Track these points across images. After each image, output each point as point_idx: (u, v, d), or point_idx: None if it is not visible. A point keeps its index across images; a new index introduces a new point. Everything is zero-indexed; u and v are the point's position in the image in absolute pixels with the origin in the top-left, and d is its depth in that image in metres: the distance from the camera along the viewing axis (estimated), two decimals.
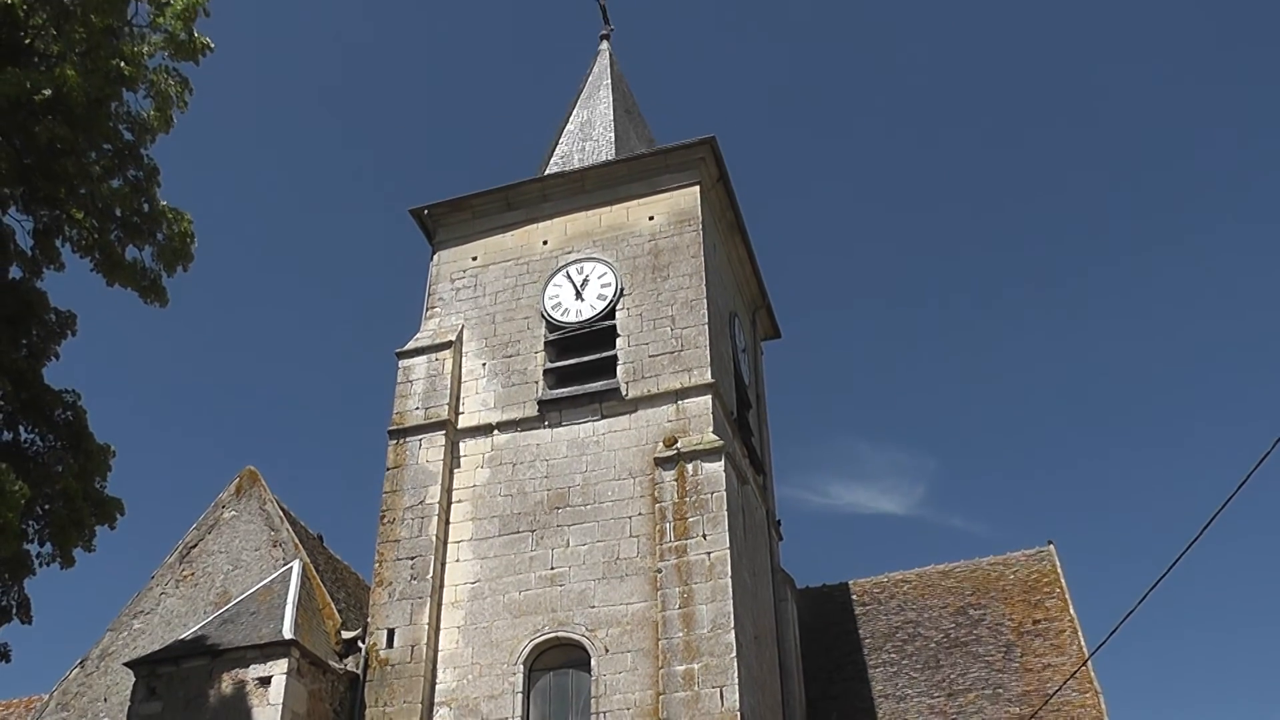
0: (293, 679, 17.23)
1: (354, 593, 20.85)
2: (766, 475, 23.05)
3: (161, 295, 17.26)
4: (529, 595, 18.27)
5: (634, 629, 17.50)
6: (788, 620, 21.33)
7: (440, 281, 22.10)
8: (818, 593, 23.84)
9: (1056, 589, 22.72)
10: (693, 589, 17.25)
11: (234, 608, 19.08)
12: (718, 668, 16.66)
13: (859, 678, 22.01)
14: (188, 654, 17.96)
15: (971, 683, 21.36)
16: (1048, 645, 21.67)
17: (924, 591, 23.50)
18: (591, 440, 19.31)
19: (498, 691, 17.72)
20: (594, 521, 18.56)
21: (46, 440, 16.69)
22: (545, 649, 17.92)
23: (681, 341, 19.78)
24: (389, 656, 18.22)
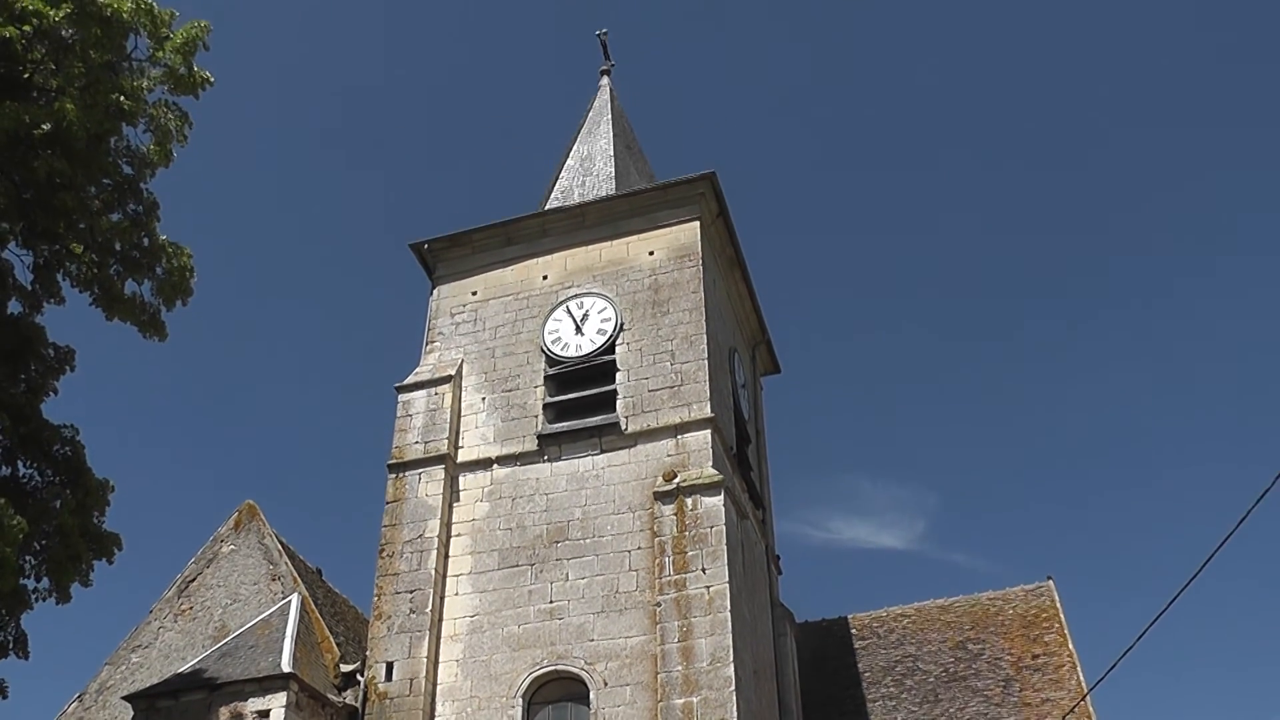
0: (291, 712, 17.19)
1: (353, 626, 20.82)
2: (766, 510, 23.05)
3: (160, 330, 17.33)
4: (528, 629, 18.25)
5: (633, 662, 17.48)
6: (787, 654, 21.29)
7: (440, 316, 22.17)
8: (817, 627, 23.81)
9: (1055, 624, 22.69)
10: (692, 623, 17.23)
11: (232, 641, 19.05)
12: (716, 701, 16.63)
13: (857, 712, 21.95)
14: (186, 688, 17.92)
15: (970, 717, 21.31)
16: (1046, 680, 21.63)
17: (923, 626, 23.46)
18: (591, 474, 19.33)
19: None
20: (593, 555, 18.56)
21: (45, 475, 16.71)
22: (544, 682, 17.89)
23: (681, 376, 19.83)
24: (388, 689, 18.18)
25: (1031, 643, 22.48)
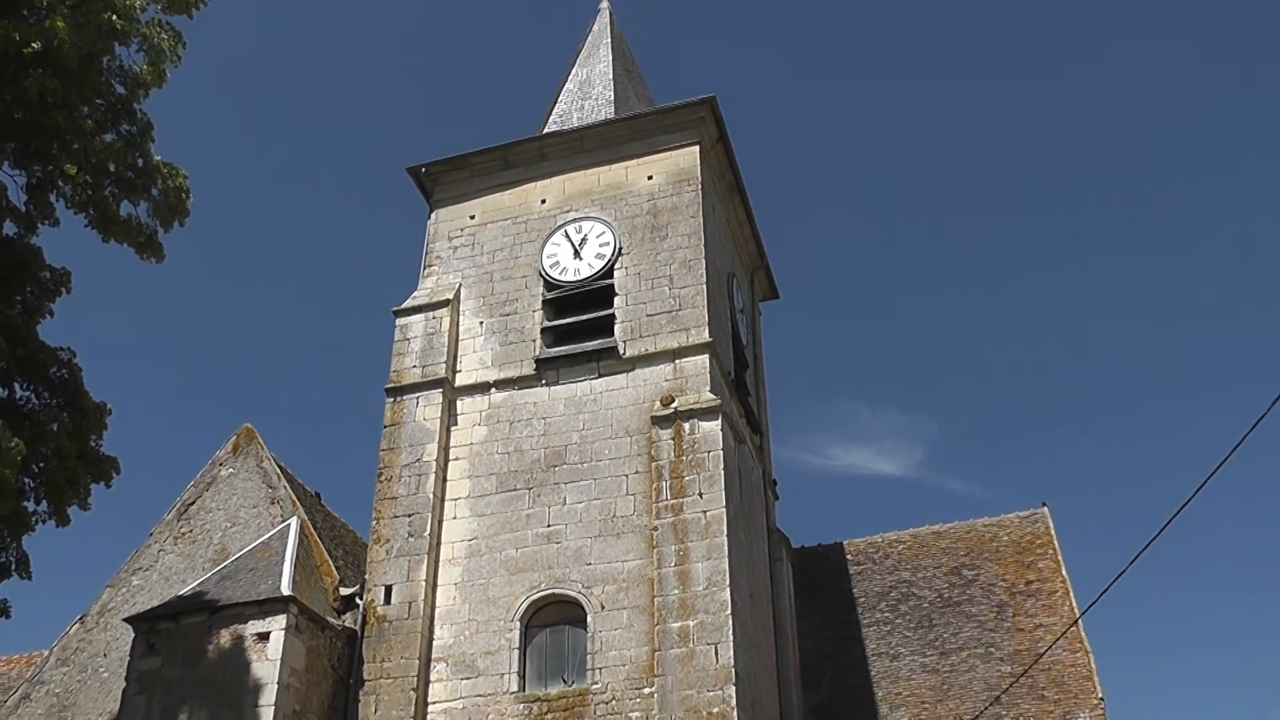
0: (291, 635, 17.32)
1: (351, 550, 20.93)
2: (763, 435, 23.11)
3: (158, 251, 17.19)
4: (526, 552, 18.36)
5: (630, 586, 17.61)
6: (782, 579, 21.45)
7: (438, 240, 22.07)
8: (813, 552, 23.95)
9: (1049, 550, 22.83)
10: (688, 547, 17.34)
11: (232, 564, 19.14)
12: (713, 625, 16.78)
13: (852, 636, 22.16)
14: (187, 610, 18.03)
15: (964, 642, 21.51)
16: (1039, 605, 21.81)
17: (918, 552, 23.62)
18: (589, 399, 19.36)
19: (494, 648, 17.84)
20: (591, 479, 18.64)
21: (42, 398, 16.66)
22: (541, 606, 18.04)
23: (679, 301, 19.79)
24: (387, 613, 18.33)
25: (1025, 569, 22.64)
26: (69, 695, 19.97)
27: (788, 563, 22.02)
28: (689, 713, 16.34)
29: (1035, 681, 20.17)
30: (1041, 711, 19.78)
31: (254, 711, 16.76)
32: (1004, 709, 19.80)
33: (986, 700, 19.32)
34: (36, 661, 21.43)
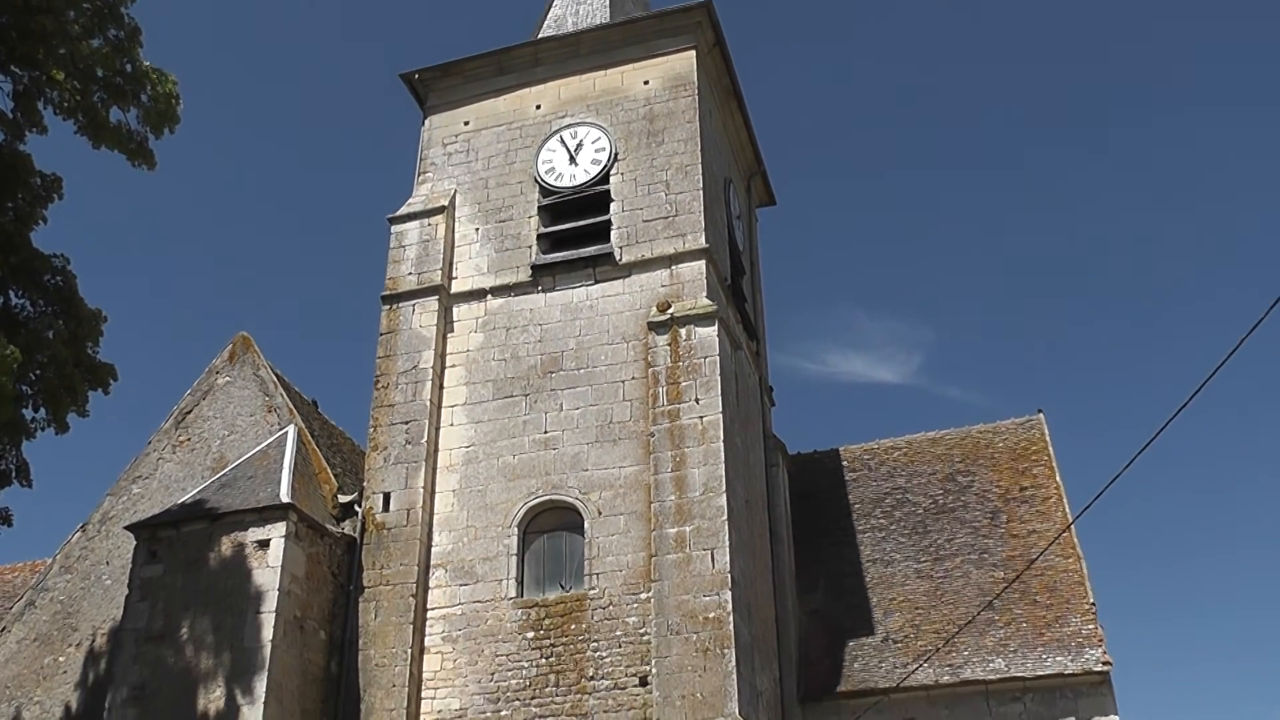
0: (291, 542, 17.45)
1: (349, 458, 21.01)
2: (760, 342, 23.12)
3: (149, 158, 17.07)
4: (523, 459, 18.45)
5: (626, 492, 17.72)
6: (778, 485, 21.57)
7: (432, 147, 21.88)
8: (808, 459, 24.03)
9: (1044, 457, 22.91)
10: (685, 453, 17.43)
11: (231, 472, 19.23)
12: (709, 531, 16.92)
13: (847, 542, 22.32)
14: (187, 518, 18.14)
15: (957, 548, 21.67)
16: (1033, 512, 21.95)
17: (913, 458, 23.71)
18: (585, 305, 19.33)
19: (492, 554, 18.01)
20: (587, 386, 18.68)
21: (37, 305, 16.65)
22: (539, 512, 18.18)
23: (676, 207, 19.69)
24: (385, 520, 18.46)
25: (1020, 475, 22.74)
26: (73, 602, 20.19)
27: (784, 469, 22.13)
28: (685, 617, 16.53)
29: (1028, 587, 20.36)
30: (1033, 616, 19.98)
31: (256, 618, 16.93)
32: (996, 614, 19.99)
33: (979, 605, 19.51)
34: (40, 569, 21.61)
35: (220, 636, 17.01)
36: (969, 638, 19.62)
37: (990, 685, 19.14)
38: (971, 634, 19.61)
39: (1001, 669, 19.25)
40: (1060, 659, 19.08)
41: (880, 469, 23.65)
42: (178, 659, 17.10)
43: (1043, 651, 19.29)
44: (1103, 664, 18.80)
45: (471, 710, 17.15)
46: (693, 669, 16.22)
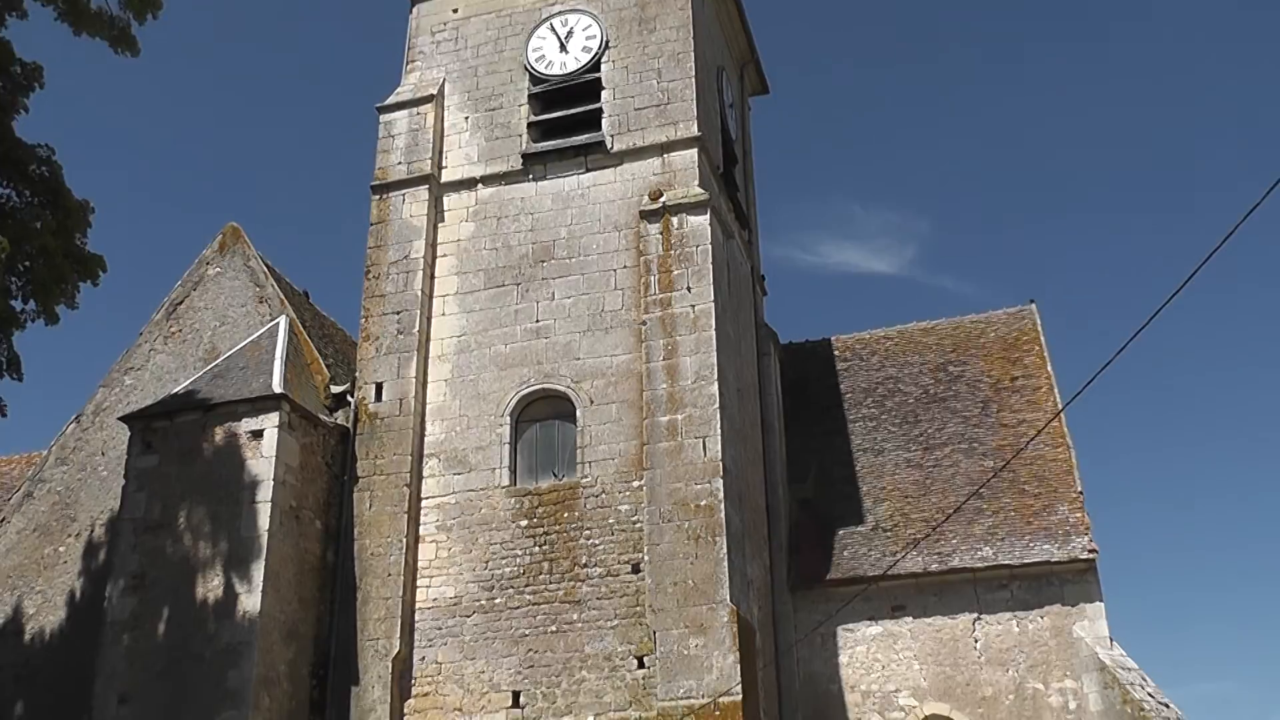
0: (284, 432, 17.53)
1: (341, 348, 21.01)
2: (752, 231, 23.04)
3: (132, 45, 16.81)
4: (515, 348, 18.48)
5: (619, 381, 17.78)
6: (770, 374, 21.64)
7: (420, 35, 21.52)
8: (800, 348, 24.08)
9: (1035, 346, 22.97)
10: (677, 341, 17.45)
11: (223, 363, 19.24)
12: (700, 418, 17.01)
13: (839, 432, 22.46)
14: (180, 408, 18.20)
15: (948, 437, 21.82)
16: (1024, 401, 22.06)
17: (905, 348, 23.77)
18: (576, 193, 19.21)
19: (485, 443, 18.11)
20: (579, 275, 18.64)
21: (23, 196, 16.49)
22: (531, 401, 18.25)
23: (667, 95, 19.46)
24: (378, 410, 18.52)
25: (1011, 365, 22.82)
26: (70, 493, 20.33)
27: (775, 358, 22.20)
28: (677, 505, 16.69)
29: (1016, 475, 20.55)
30: (1022, 505, 20.19)
31: (251, 507, 17.08)
32: (985, 502, 20.19)
33: (968, 494, 19.70)
34: (36, 462, 21.72)
35: (217, 526, 17.17)
36: (957, 526, 19.85)
37: (977, 573, 19.43)
38: (960, 522, 19.83)
39: (989, 557, 19.50)
40: (1047, 547, 19.32)
41: (872, 359, 23.72)
42: (176, 548, 17.27)
43: (1030, 540, 19.53)
44: (1088, 552, 19.05)
45: (466, 598, 17.38)
46: (684, 556, 16.42)
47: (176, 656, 16.58)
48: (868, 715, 19.17)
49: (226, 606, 16.64)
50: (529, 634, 16.90)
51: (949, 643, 19.24)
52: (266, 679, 16.42)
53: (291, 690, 16.93)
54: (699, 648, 15.96)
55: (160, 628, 16.84)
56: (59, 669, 18.74)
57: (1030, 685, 18.73)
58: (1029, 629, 19.06)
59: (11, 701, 19.09)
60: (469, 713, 16.81)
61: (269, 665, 16.52)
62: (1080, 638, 18.72)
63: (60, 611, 19.45)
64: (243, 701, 16.06)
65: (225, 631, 16.51)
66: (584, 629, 16.72)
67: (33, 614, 19.64)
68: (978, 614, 19.32)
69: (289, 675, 16.93)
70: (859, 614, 19.46)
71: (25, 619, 19.69)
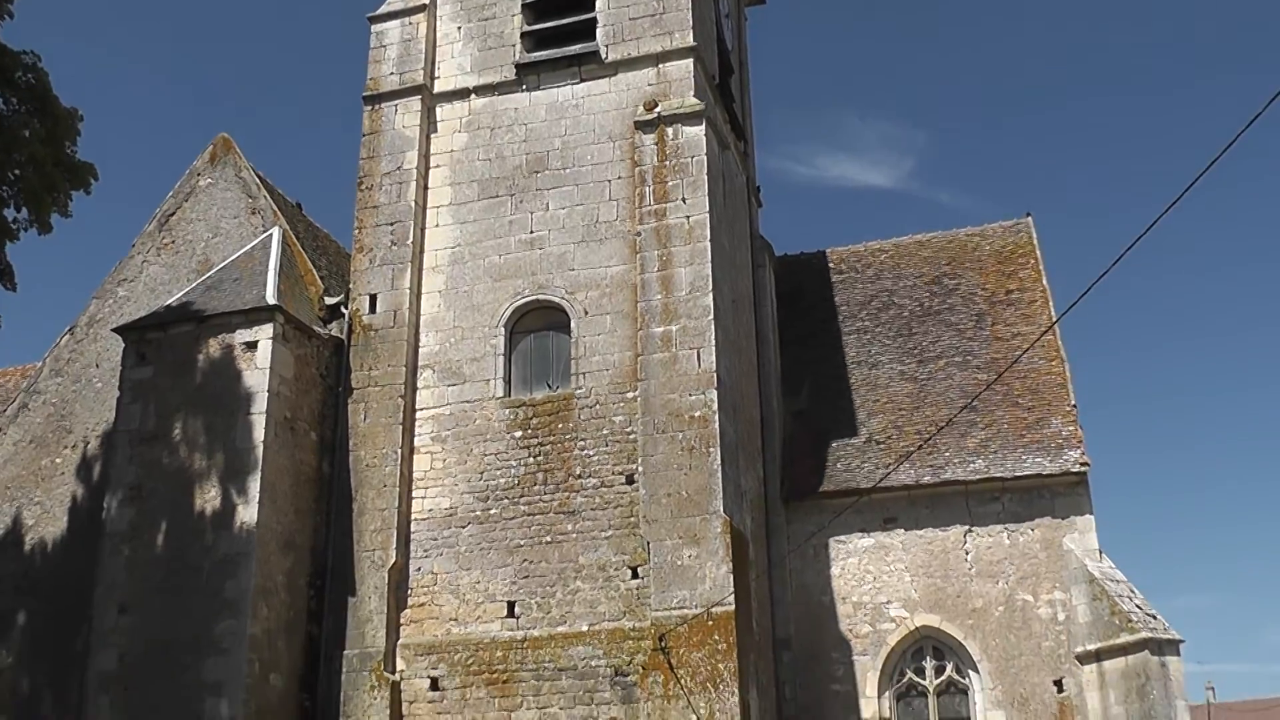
0: (279, 344, 17.53)
1: (335, 260, 20.93)
2: (748, 142, 22.86)
3: None
4: (509, 259, 18.40)
5: (613, 292, 17.75)
6: (765, 286, 21.60)
7: None
8: (795, 260, 23.99)
9: (1031, 259, 22.90)
10: (671, 252, 17.39)
11: (216, 275, 19.16)
12: (695, 330, 17.00)
13: (833, 345, 22.46)
14: (174, 320, 18.17)
15: (942, 350, 21.83)
16: (1018, 315, 22.05)
17: (900, 261, 23.68)
18: (570, 104, 19.00)
19: (479, 354, 18.12)
20: (573, 185, 18.51)
21: (10, 104, 16.33)
22: (526, 312, 18.23)
23: (663, 4, 19.12)
24: (372, 322, 18.50)
25: (1006, 278, 22.77)
26: (65, 405, 20.35)
27: (770, 270, 22.14)
28: (671, 416, 16.74)
29: (1010, 389, 20.60)
30: (1015, 418, 20.26)
31: (246, 419, 17.12)
32: (978, 415, 20.26)
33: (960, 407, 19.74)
34: (30, 373, 21.71)
35: (212, 437, 17.22)
36: (950, 439, 19.93)
37: (970, 485, 19.54)
38: (953, 435, 19.91)
39: (981, 469, 19.61)
40: (1039, 460, 19.42)
41: (867, 271, 23.66)
42: (172, 460, 17.36)
43: (1023, 452, 19.63)
44: (1080, 465, 19.15)
45: (461, 509, 17.49)
46: (678, 467, 16.50)
47: (175, 567, 16.73)
48: (859, 626, 19.39)
49: (224, 518, 16.75)
50: (524, 544, 17.04)
51: (940, 555, 19.41)
52: (264, 589, 16.58)
53: (289, 600, 17.11)
54: (692, 558, 16.10)
55: (158, 539, 16.97)
56: (59, 579, 18.91)
57: (1020, 597, 18.93)
58: (1019, 541, 19.22)
59: (13, 612, 19.29)
60: (464, 622, 17.01)
61: (267, 576, 16.67)
62: (1070, 550, 18.88)
63: (59, 523, 19.57)
64: (241, 611, 16.23)
65: (223, 542, 16.64)
66: (578, 539, 16.86)
67: (32, 525, 19.77)
68: (969, 526, 19.47)
69: (286, 586, 17.10)
70: (851, 526, 19.61)
71: (24, 530, 19.83)
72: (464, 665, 16.74)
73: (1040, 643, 18.63)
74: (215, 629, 16.20)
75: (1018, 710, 18.45)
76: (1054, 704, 18.38)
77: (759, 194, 23.10)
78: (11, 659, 19.05)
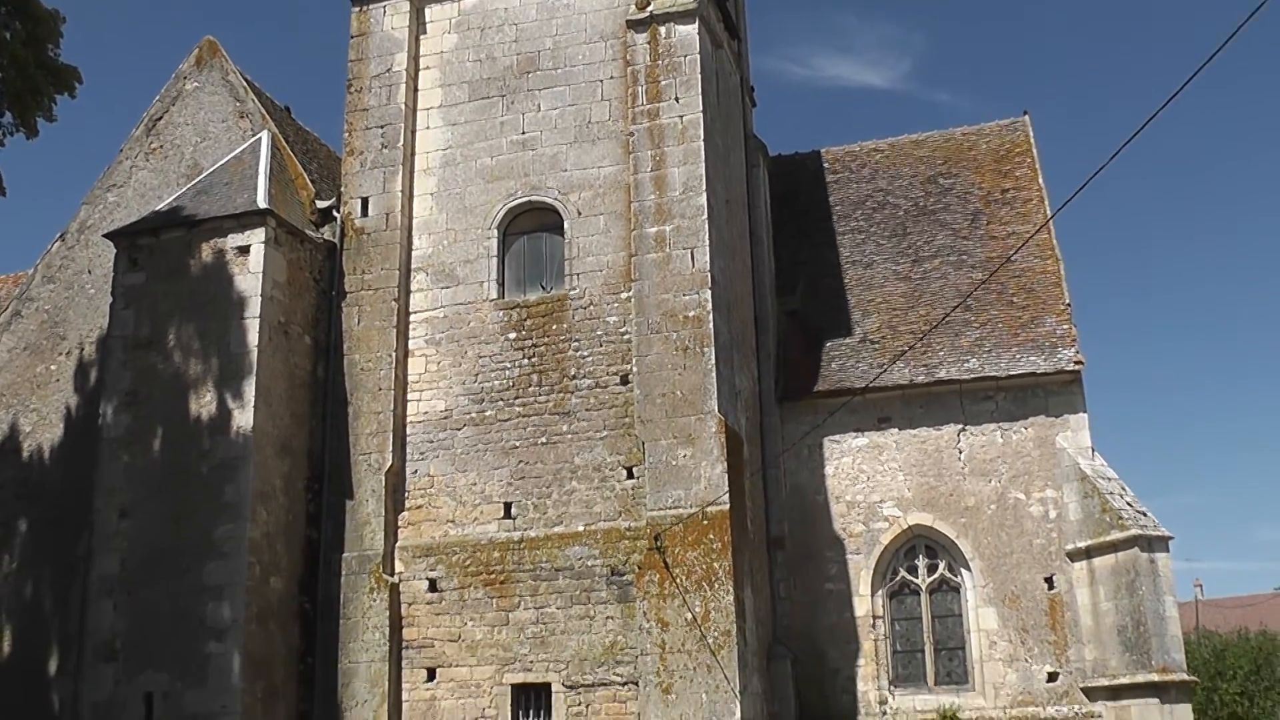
0: (270, 248, 17.46)
1: (325, 164, 20.75)
2: (741, 42, 22.53)
3: None
4: (501, 160, 18.26)
5: (606, 192, 17.64)
6: (759, 187, 21.44)
7: None
8: (790, 161, 23.78)
9: (1027, 159, 22.72)
10: (665, 152, 17.26)
11: (206, 179, 19.03)
12: (689, 230, 16.93)
13: (827, 244, 22.37)
14: (165, 225, 18.08)
15: (937, 250, 21.76)
16: (1014, 214, 21.94)
17: (896, 160, 23.49)
18: (561, 3, 18.71)
19: (473, 256, 18.07)
20: (565, 85, 18.31)
21: None
22: (519, 213, 18.14)
23: None
24: (364, 225, 18.42)
25: (1002, 177, 22.62)
26: (59, 311, 20.33)
27: (764, 170, 21.96)
28: (665, 316, 16.74)
29: (1005, 288, 20.57)
30: (1009, 317, 20.25)
31: (240, 323, 17.13)
32: (972, 314, 20.26)
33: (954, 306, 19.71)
34: (22, 281, 21.62)
35: (207, 343, 17.24)
36: (945, 338, 19.94)
37: (964, 385, 19.59)
38: (947, 334, 19.92)
39: (975, 369, 19.64)
40: (1033, 358, 19.45)
41: (862, 171, 23.49)
42: (166, 365, 17.38)
43: (1017, 351, 19.65)
44: (1074, 363, 19.18)
45: (456, 411, 17.56)
46: (673, 367, 16.54)
47: (173, 472, 16.84)
48: (852, 525, 19.56)
49: (220, 422, 16.82)
50: (519, 446, 17.13)
51: (933, 454, 19.52)
52: (262, 493, 16.70)
53: (287, 504, 17.25)
54: (687, 458, 16.20)
55: (156, 444, 17.06)
56: (58, 485, 19.04)
57: (1012, 495, 19.08)
58: (1012, 440, 19.32)
59: (14, 517, 19.44)
60: (462, 524, 17.17)
61: (264, 480, 16.79)
62: (1063, 448, 18.99)
63: (57, 429, 19.65)
64: (240, 515, 16.38)
65: (220, 447, 16.74)
66: (573, 440, 16.95)
67: (29, 431, 19.85)
68: (962, 425, 19.56)
69: (284, 490, 17.22)
70: (845, 426, 19.69)
71: (22, 437, 19.92)
72: (462, 567, 16.93)
73: (1031, 540, 18.82)
74: (215, 533, 16.36)
75: (1008, 607, 18.70)
76: (1044, 600, 18.62)
77: (753, 94, 22.84)
78: (15, 565, 19.23)
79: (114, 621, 16.46)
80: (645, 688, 15.60)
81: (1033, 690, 18.39)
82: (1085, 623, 18.31)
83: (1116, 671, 17.78)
